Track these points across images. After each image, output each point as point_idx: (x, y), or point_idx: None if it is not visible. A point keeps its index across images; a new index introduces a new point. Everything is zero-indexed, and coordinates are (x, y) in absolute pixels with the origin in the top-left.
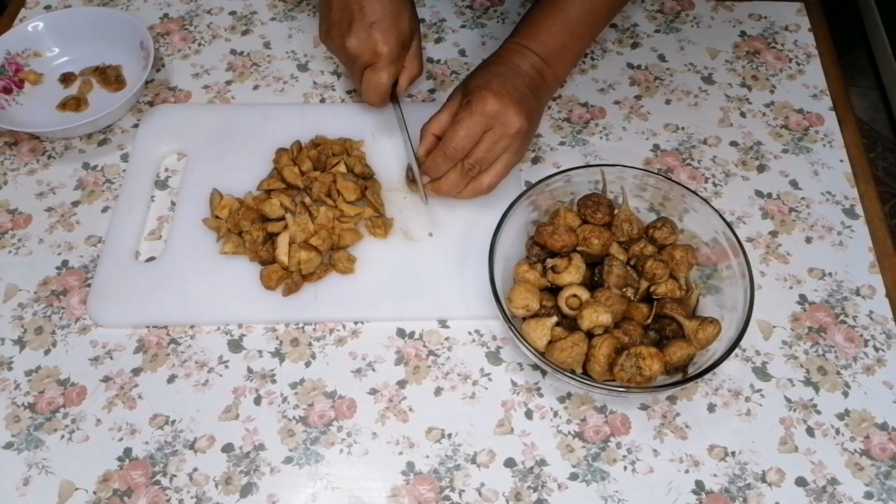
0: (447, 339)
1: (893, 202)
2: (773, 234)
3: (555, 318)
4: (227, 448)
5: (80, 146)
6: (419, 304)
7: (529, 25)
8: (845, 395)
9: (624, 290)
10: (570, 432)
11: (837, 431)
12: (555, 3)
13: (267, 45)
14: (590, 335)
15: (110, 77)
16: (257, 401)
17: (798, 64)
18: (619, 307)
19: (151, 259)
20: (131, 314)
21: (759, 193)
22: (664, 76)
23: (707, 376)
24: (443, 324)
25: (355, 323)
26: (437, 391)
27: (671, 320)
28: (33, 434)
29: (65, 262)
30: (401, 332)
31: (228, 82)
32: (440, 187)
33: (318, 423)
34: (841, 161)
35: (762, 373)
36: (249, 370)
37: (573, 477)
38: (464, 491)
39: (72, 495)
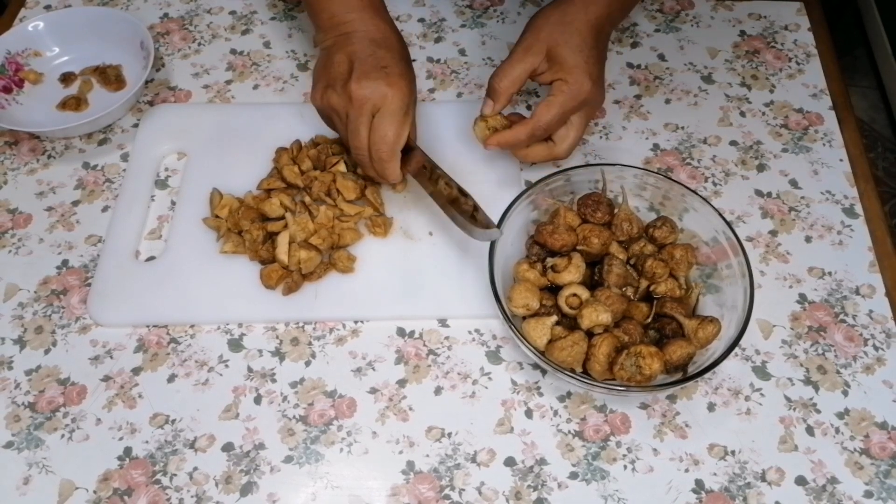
0: (447, 338)
1: (893, 202)
2: (773, 233)
3: (555, 318)
4: (228, 447)
5: (80, 146)
6: (419, 303)
7: None
8: (845, 394)
9: (624, 289)
10: (570, 431)
11: (837, 430)
12: None
13: (267, 45)
14: (590, 334)
15: (110, 77)
16: (257, 400)
17: (798, 63)
18: (619, 306)
19: (151, 258)
20: (131, 313)
21: (758, 193)
22: (664, 76)
23: (707, 375)
24: (443, 323)
25: (355, 322)
26: (437, 390)
27: (671, 319)
28: (33, 433)
29: (65, 262)
30: (401, 332)
31: (228, 82)
32: (526, 155)
33: (318, 422)
34: (841, 160)
35: (762, 372)
36: (249, 369)
37: (573, 476)
38: (464, 490)
39: (72, 494)
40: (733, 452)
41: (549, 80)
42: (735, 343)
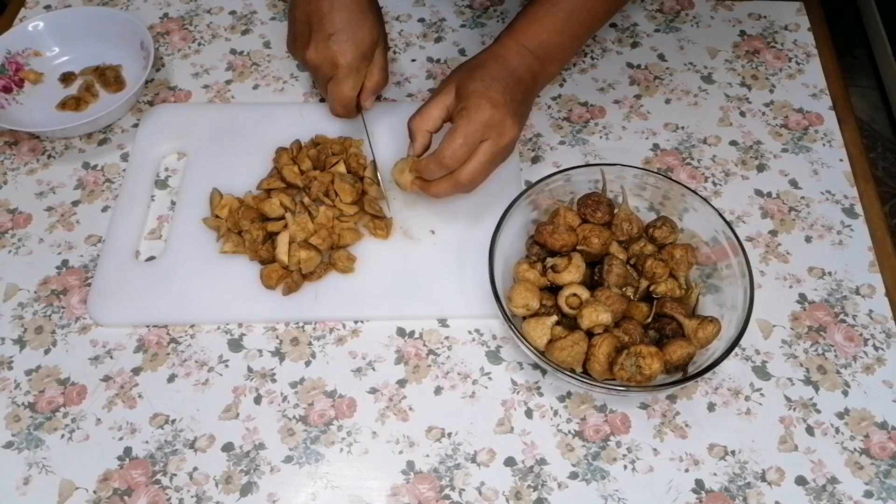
0: (447, 338)
1: (893, 202)
2: (773, 233)
3: (555, 317)
4: (228, 447)
5: (80, 146)
6: (419, 303)
7: (528, 21)
8: (845, 394)
9: (624, 289)
10: (570, 431)
11: (837, 430)
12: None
13: (267, 45)
14: (590, 334)
15: (109, 78)
16: (257, 400)
17: (798, 63)
18: (619, 306)
19: (151, 258)
20: (131, 313)
21: (758, 192)
22: (664, 75)
23: (707, 375)
24: (443, 323)
25: (355, 322)
26: (437, 390)
27: (671, 319)
28: (33, 433)
29: (65, 262)
30: (401, 332)
31: (228, 82)
32: (429, 189)
33: (318, 422)
34: (840, 160)
35: (762, 372)
36: (249, 369)
37: (573, 476)
38: (464, 490)
39: (72, 494)
40: (733, 452)
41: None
42: (735, 343)
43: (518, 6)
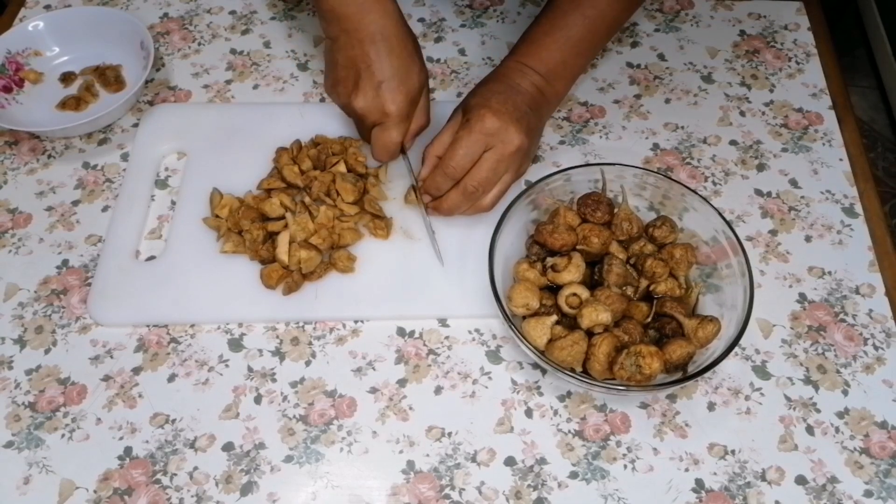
0: (447, 337)
1: (893, 202)
2: (773, 232)
3: (555, 317)
4: (228, 447)
5: (80, 145)
6: (419, 302)
7: (530, 43)
8: (845, 393)
9: (624, 288)
10: (570, 431)
11: (837, 430)
12: (555, 20)
13: (267, 45)
14: (590, 334)
15: (109, 78)
16: (257, 400)
17: (797, 63)
18: (619, 306)
19: (152, 258)
20: (131, 313)
21: (758, 192)
22: (664, 75)
23: (707, 375)
24: (443, 322)
25: (355, 322)
26: (438, 390)
27: (671, 319)
28: (34, 433)
29: (65, 262)
30: (401, 331)
31: (228, 82)
32: (440, 206)
33: (318, 421)
34: (840, 160)
35: (762, 371)
36: (250, 369)
37: (573, 475)
38: (464, 490)
39: (72, 494)
40: (733, 452)
41: None
42: (735, 342)
43: (517, 6)
